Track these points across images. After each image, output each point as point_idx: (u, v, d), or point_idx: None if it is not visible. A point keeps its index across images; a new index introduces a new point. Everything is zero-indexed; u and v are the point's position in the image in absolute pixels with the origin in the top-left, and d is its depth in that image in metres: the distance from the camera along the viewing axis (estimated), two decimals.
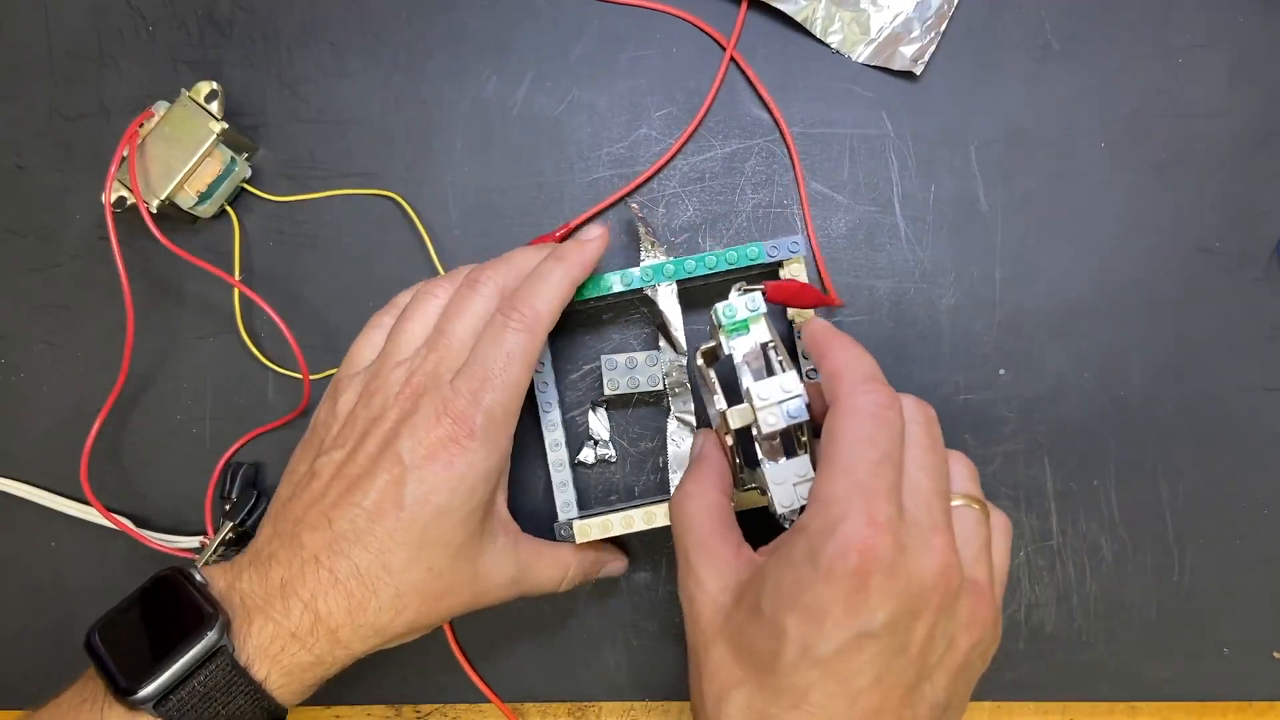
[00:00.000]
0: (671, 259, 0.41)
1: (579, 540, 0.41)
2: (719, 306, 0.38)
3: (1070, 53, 0.46)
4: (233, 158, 0.46)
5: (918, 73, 0.46)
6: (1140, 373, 0.45)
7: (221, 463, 0.46)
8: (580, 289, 0.40)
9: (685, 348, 0.41)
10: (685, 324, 0.41)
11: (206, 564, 0.44)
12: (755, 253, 0.41)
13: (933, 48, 0.46)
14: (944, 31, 0.46)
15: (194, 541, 0.45)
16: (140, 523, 0.46)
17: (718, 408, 0.37)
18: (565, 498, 0.43)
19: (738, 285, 0.39)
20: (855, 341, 0.35)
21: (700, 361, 0.39)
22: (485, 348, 0.37)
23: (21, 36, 0.49)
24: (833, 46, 0.46)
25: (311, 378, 0.45)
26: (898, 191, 0.46)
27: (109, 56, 0.48)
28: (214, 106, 0.44)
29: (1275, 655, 0.44)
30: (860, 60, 0.46)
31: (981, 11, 0.46)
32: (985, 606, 0.32)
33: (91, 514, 0.46)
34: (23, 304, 0.48)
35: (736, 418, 0.36)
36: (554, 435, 0.43)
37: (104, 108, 0.48)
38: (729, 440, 0.38)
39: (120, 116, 0.48)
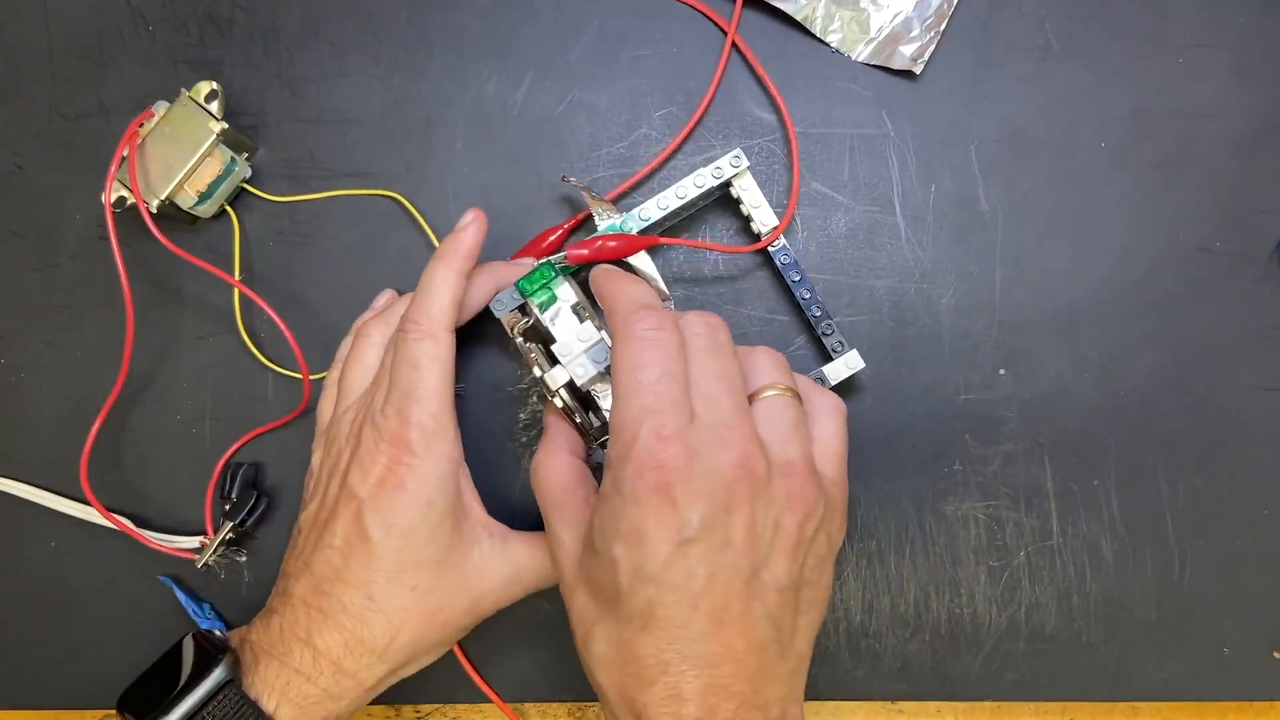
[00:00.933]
0: (627, 214, 0.42)
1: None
2: (519, 284, 0.40)
3: (1070, 53, 0.46)
4: (233, 158, 0.46)
5: (918, 72, 0.46)
6: (1140, 373, 0.45)
7: (221, 463, 0.46)
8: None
9: (668, 293, 0.42)
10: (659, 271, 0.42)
11: (206, 564, 0.45)
12: (703, 180, 0.42)
13: (932, 47, 0.46)
14: (944, 31, 0.46)
15: (194, 541, 0.45)
16: (140, 523, 0.46)
17: (536, 374, 0.39)
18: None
19: (537, 263, 0.41)
20: (634, 277, 0.37)
21: (520, 339, 0.40)
22: (396, 368, 0.38)
23: (21, 36, 0.49)
24: (832, 46, 0.46)
25: (311, 378, 0.45)
26: (898, 191, 0.46)
27: (109, 56, 0.48)
28: (214, 106, 0.44)
29: (1275, 655, 0.44)
30: (860, 59, 0.46)
31: (981, 11, 0.46)
32: (801, 484, 0.33)
33: (91, 514, 0.46)
34: (23, 304, 0.48)
35: (553, 380, 0.38)
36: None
37: (104, 108, 0.48)
38: (559, 403, 0.39)
39: (120, 116, 0.48)
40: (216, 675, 0.35)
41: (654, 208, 0.42)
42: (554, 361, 0.39)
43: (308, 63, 0.48)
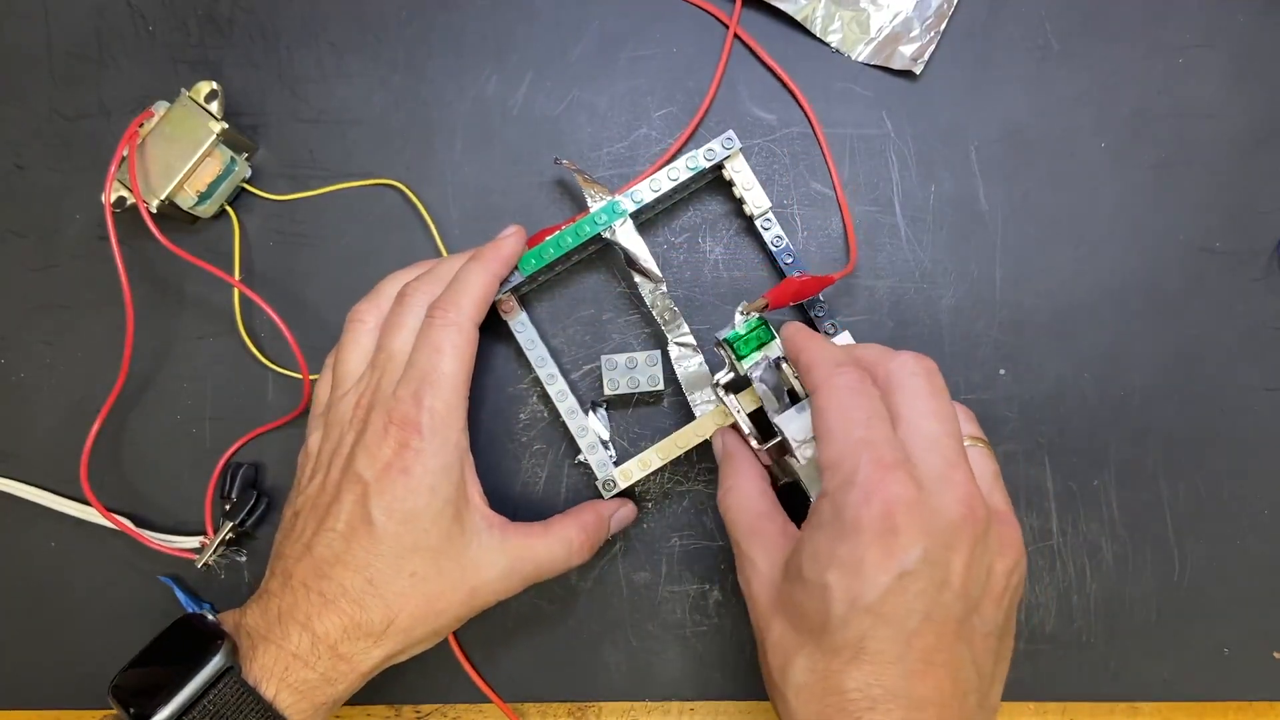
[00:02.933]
0: (618, 195, 0.42)
1: (622, 484, 0.43)
2: (728, 335, 0.39)
3: (1070, 53, 0.46)
4: (233, 158, 0.46)
5: (917, 72, 0.46)
6: (1140, 373, 0.45)
7: (221, 463, 0.46)
8: (536, 258, 0.42)
9: (660, 275, 0.42)
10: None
11: (206, 564, 0.45)
12: (695, 162, 0.43)
13: (932, 47, 0.46)
14: (944, 31, 0.46)
15: (194, 541, 0.45)
16: (140, 523, 0.46)
17: (754, 445, 0.39)
18: (598, 457, 0.43)
19: (740, 308, 0.40)
20: (825, 338, 0.38)
21: (721, 391, 0.40)
22: (417, 352, 0.39)
23: (21, 36, 0.49)
24: (832, 45, 0.46)
25: (311, 378, 0.45)
26: (898, 191, 0.46)
27: (109, 56, 0.48)
28: (214, 106, 0.44)
29: (1275, 655, 0.44)
30: (860, 59, 0.46)
31: (981, 11, 0.46)
32: (1012, 531, 0.34)
33: (91, 514, 0.46)
34: (23, 304, 0.48)
35: (773, 450, 0.39)
36: (566, 404, 0.44)
37: (104, 108, 0.48)
38: (765, 460, 0.39)
39: (120, 116, 0.48)
40: (215, 663, 0.34)
41: (646, 189, 0.43)
42: (758, 416, 0.39)
43: (308, 63, 0.48)
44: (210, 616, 0.37)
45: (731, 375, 0.40)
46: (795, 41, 0.46)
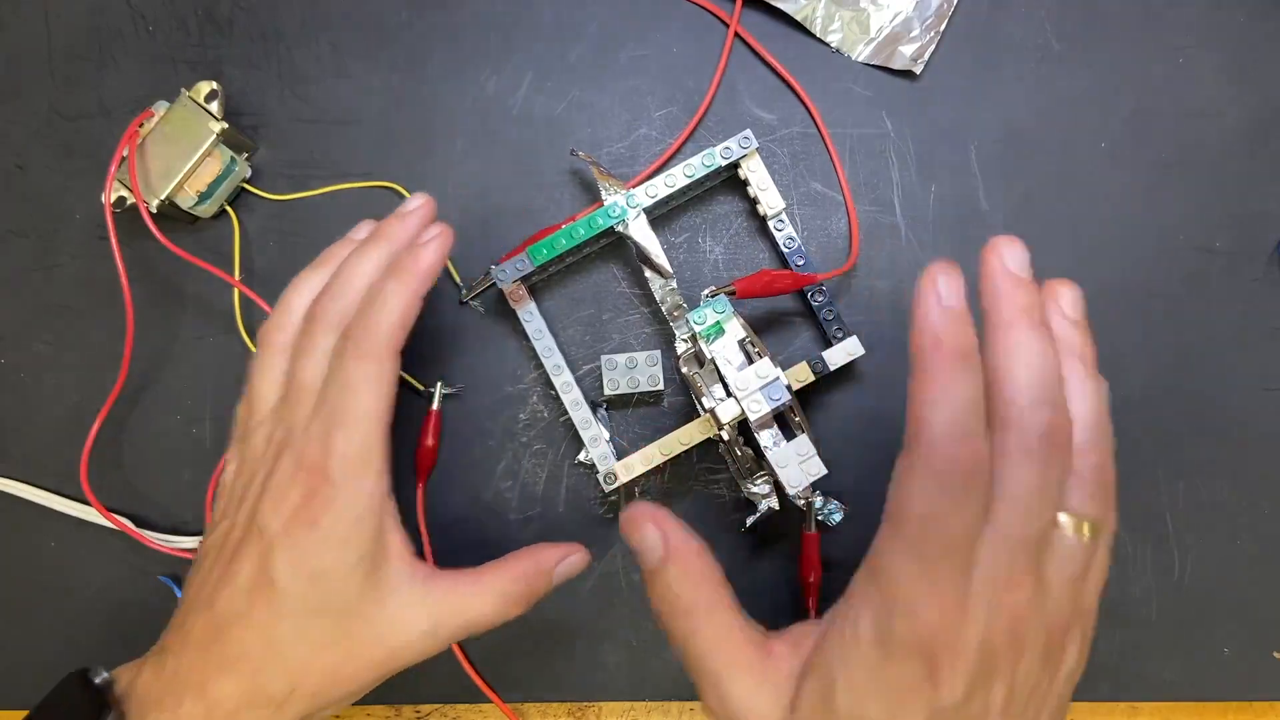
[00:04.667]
0: (633, 190, 0.43)
1: (624, 477, 0.42)
2: (691, 315, 0.40)
3: (1070, 53, 0.46)
4: (233, 158, 0.46)
5: (917, 72, 0.46)
6: (1140, 373, 0.45)
7: (221, 463, 0.46)
8: (548, 248, 0.42)
9: (671, 271, 0.43)
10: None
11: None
12: (711, 159, 0.43)
13: (932, 47, 0.46)
14: (944, 31, 0.46)
15: (193, 542, 0.45)
16: (140, 523, 0.46)
17: (707, 406, 0.39)
18: (601, 450, 0.44)
19: (706, 291, 0.41)
20: (962, 369, 0.28)
21: (685, 370, 0.41)
22: (328, 387, 0.35)
23: (21, 36, 0.49)
24: (832, 45, 0.46)
25: None
26: (898, 191, 0.46)
27: (109, 56, 0.48)
28: (214, 106, 0.44)
29: (1275, 655, 0.44)
30: (860, 59, 0.46)
31: (981, 11, 0.46)
32: (1064, 643, 0.30)
33: (91, 514, 0.46)
34: (23, 304, 0.48)
35: (725, 412, 0.38)
36: (571, 395, 0.44)
37: (104, 108, 0.48)
38: (725, 435, 0.39)
39: (120, 116, 0.48)
40: None
41: (661, 185, 0.43)
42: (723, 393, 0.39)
43: (308, 63, 0.48)
44: (105, 675, 0.34)
45: (694, 351, 0.40)
46: (795, 41, 0.46)
